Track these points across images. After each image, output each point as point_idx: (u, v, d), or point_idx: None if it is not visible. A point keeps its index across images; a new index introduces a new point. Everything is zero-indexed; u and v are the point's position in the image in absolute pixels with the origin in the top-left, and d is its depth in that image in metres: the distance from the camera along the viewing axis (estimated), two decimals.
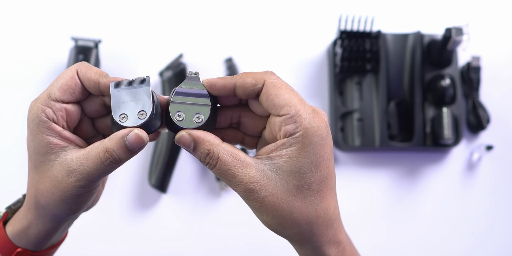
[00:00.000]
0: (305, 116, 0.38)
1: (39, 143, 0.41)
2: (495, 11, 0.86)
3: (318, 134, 0.38)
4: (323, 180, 0.40)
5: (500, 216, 0.79)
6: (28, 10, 0.82)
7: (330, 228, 0.42)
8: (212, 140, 0.39)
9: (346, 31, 0.77)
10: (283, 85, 0.39)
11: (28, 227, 0.45)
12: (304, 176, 0.39)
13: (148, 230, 0.76)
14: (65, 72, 0.41)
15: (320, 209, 0.40)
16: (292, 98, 0.39)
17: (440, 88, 0.77)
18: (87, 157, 0.39)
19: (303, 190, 0.39)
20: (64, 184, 0.40)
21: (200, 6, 0.84)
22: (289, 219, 0.40)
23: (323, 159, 0.39)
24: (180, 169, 0.77)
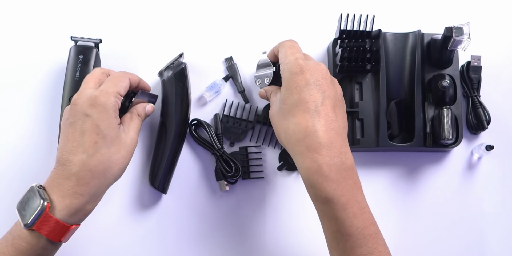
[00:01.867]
0: (286, 61, 0.63)
1: (113, 123, 0.61)
2: (495, 11, 0.86)
3: (289, 71, 0.61)
4: (295, 103, 0.59)
5: (501, 216, 0.79)
6: (28, 10, 0.82)
7: (302, 141, 0.58)
8: (271, 89, 0.69)
9: (346, 31, 0.77)
10: (287, 42, 0.66)
11: (87, 202, 0.59)
12: (282, 100, 0.61)
13: (148, 230, 0.76)
14: (122, 77, 0.67)
15: (291, 123, 0.59)
16: (283, 45, 0.66)
17: (440, 88, 0.77)
18: (135, 123, 0.66)
19: (282, 110, 0.61)
20: (132, 146, 0.63)
21: (200, 6, 0.84)
22: (278, 130, 0.62)
23: (294, 87, 0.60)
24: (180, 169, 0.77)
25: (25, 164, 0.76)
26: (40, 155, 0.77)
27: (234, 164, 0.75)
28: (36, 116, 0.78)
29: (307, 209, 0.78)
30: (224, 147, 0.78)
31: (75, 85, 0.74)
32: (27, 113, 0.78)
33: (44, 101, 0.79)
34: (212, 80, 0.80)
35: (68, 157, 0.60)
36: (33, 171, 0.76)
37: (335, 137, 0.58)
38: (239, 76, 0.81)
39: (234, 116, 0.79)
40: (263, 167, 0.79)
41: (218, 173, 0.77)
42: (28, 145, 0.77)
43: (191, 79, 0.78)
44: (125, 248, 0.76)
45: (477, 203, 0.79)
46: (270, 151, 0.80)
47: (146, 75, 0.80)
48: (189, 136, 0.78)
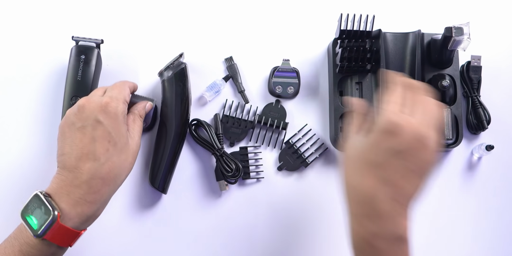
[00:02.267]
0: (384, 107, 0.53)
1: (124, 129, 0.61)
2: (495, 11, 0.86)
3: (379, 127, 0.51)
4: (370, 164, 0.52)
5: (501, 216, 0.79)
6: (29, 10, 0.82)
7: (360, 205, 0.52)
8: (361, 106, 0.61)
9: (346, 31, 0.77)
10: (396, 91, 0.56)
11: (98, 209, 0.59)
12: (362, 151, 0.53)
13: (148, 230, 0.76)
14: (124, 86, 0.68)
15: (359, 182, 0.52)
16: (391, 99, 0.55)
17: (440, 88, 0.77)
18: (138, 126, 0.66)
19: (358, 160, 0.53)
20: (137, 151, 0.64)
21: (200, 6, 0.84)
22: (343, 172, 0.56)
23: (376, 146, 0.51)
24: (180, 169, 0.78)
25: (26, 163, 0.77)
26: (41, 155, 0.77)
27: (234, 164, 0.76)
28: (38, 116, 0.78)
29: (307, 209, 0.78)
30: (224, 147, 0.78)
31: (77, 85, 0.74)
32: (28, 113, 0.79)
33: (46, 101, 0.79)
34: (212, 80, 0.80)
35: (78, 164, 0.58)
36: (34, 171, 0.76)
37: (396, 208, 0.52)
38: (239, 76, 0.81)
39: (234, 116, 0.79)
40: (263, 167, 0.79)
41: (218, 173, 0.77)
42: (29, 145, 0.77)
43: (191, 79, 0.78)
44: (125, 248, 0.76)
45: (477, 203, 0.79)
46: (270, 151, 0.80)
47: (146, 75, 0.80)
48: (189, 136, 0.78)
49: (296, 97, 0.81)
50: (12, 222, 0.62)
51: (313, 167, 0.79)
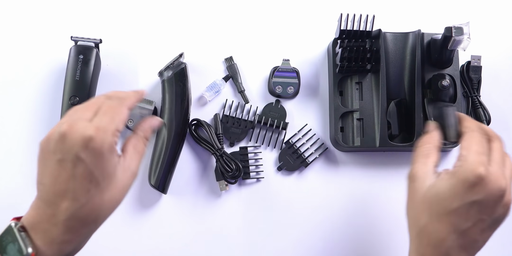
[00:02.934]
0: (468, 158, 0.52)
1: (110, 167, 0.50)
2: (495, 11, 0.86)
3: (465, 176, 0.51)
4: (446, 209, 0.52)
5: None
6: (28, 10, 0.82)
7: (426, 246, 0.53)
8: (435, 141, 0.61)
9: (346, 31, 0.77)
10: (476, 140, 0.55)
11: (75, 248, 0.53)
12: (438, 195, 0.52)
13: (148, 230, 0.76)
14: (119, 108, 0.52)
15: (432, 226, 0.53)
16: (470, 145, 0.54)
17: (440, 88, 0.77)
18: (137, 151, 0.54)
19: (431, 204, 0.53)
20: (129, 185, 0.52)
21: (200, 6, 0.84)
22: (411, 214, 0.57)
23: (456, 194, 0.51)
24: (180, 169, 0.77)
25: (25, 164, 0.76)
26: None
27: (234, 164, 0.75)
28: (36, 116, 0.78)
29: (307, 209, 0.78)
30: (224, 147, 0.78)
31: (76, 85, 0.74)
32: (27, 113, 0.78)
33: (44, 101, 0.79)
34: (212, 80, 0.80)
35: (55, 200, 0.50)
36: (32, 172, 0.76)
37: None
38: (239, 76, 0.81)
39: (234, 116, 0.79)
40: (263, 167, 0.79)
41: (218, 173, 0.77)
42: (27, 145, 0.77)
43: (191, 79, 0.78)
44: (125, 248, 0.76)
45: None
46: (270, 151, 0.80)
47: (146, 75, 0.80)
48: (189, 136, 0.78)
49: (296, 97, 0.81)
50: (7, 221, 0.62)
51: (313, 167, 0.79)
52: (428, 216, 0.53)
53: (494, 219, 0.53)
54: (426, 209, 0.53)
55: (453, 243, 0.52)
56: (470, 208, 0.51)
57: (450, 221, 0.52)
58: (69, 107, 0.74)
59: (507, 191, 0.52)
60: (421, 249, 0.54)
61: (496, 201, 0.51)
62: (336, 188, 0.79)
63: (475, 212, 0.51)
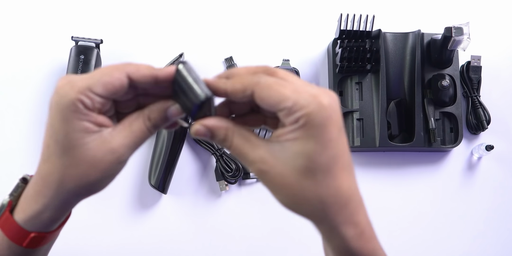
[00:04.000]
0: (302, 102, 0.39)
1: (74, 128, 0.42)
2: (495, 11, 0.86)
3: (319, 116, 0.39)
4: (332, 160, 0.41)
5: (501, 216, 0.79)
6: (29, 10, 0.82)
7: (345, 208, 0.42)
8: (225, 125, 0.41)
9: (346, 31, 0.77)
10: (272, 83, 0.40)
11: (41, 211, 0.46)
12: (311, 157, 0.40)
13: (148, 231, 0.76)
14: (112, 70, 0.42)
15: (332, 187, 0.41)
16: (283, 92, 0.39)
17: (440, 88, 0.77)
18: (131, 130, 0.43)
19: (312, 170, 0.40)
20: (104, 162, 0.43)
21: (200, 6, 0.84)
22: (301, 197, 0.42)
23: (329, 139, 0.40)
24: (180, 169, 0.78)
25: (25, 164, 0.77)
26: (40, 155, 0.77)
27: (234, 164, 0.75)
28: (37, 116, 0.78)
29: None
30: None
31: None
32: (27, 113, 0.78)
33: (45, 101, 0.79)
34: None
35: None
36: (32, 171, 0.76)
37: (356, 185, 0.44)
38: None
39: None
40: None
41: (218, 173, 0.77)
42: (27, 145, 0.77)
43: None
44: (125, 248, 0.76)
45: (477, 203, 0.79)
46: None
47: None
48: (189, 136, 0.78)
49: None
50: None
51: None
52: (321, 182, 0.41)
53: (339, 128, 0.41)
54: (311, 179, 0.41)
55: (356, 185, 0.43)
56: (343, 137, 0.41)
57: (341, 166, 0.42)
58: None
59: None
60: (334, 220, 0.43)
61: (340, 111, 0.41)
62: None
63: (345, 137, 0.42)
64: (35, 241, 0.48)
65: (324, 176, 0.41)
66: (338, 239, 0.43)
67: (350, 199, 0.43)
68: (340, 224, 0.43)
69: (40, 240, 0.49)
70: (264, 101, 0.40)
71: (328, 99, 0.39)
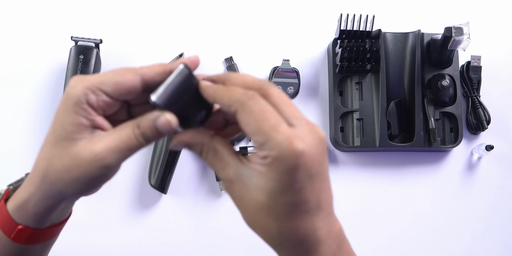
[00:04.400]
0: (273, 144, 0.37)
1: (70, 120, 0.42)
2: (495, 11, 0.86)
3: (285, 162, 0.37)
4: (290, 205, 0.39)
5: (501, 216, 0.79)
6: (29, 10, 0.82)
7: (297, 246, 0.41)
8: (200, 141, 0.42)
9: (346, 31, 0.77)
10: (256, 110, 0.38)
11: (27, 200, 0.45)
12: (271, 196, 0.39)
13: (148, 231, 0.76)
14: (125, 71, 0.42)
15: (286, 227, 0.40)
16: (261, 125, 0.38)
17: (440, 88, 0.77)
18: (119, 135, 0.41)
19: (270, 208, 0.40)
20: (86, 162, 0.41)
21: (200, 6, 0.84)
22: (258, 225, 0.42)
23: (290, 185, 0.38)
24: (180, 169, 0.78)
25: (25, 164, 0.76)
26: None
27: None
28: (37, 116, 0.78)
29: None
30: None
31: None
32: (27, 113, 0.78)
33: (45, 101, 0.79)
34: None
35: None
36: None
37: (332, 222, 0.43)
38: None
39: None
40: None
41: None
42: (27, 145, 0.77)
43: None
44: (125, 248, 0.76)
45: (477, 203, 0.79)
46: None
47: None
48: None
49: (296, 97, 0.81)
50: None
51: None
52: (278, 222, 0.40)
53: (328, 175, 0.43)
54: (268, 218, 0.41)
55: (317, 225, 0.41)
56: (314, 183, 0.40)
57: (302, 210, 0.40)
58: None
59: (325, 142, 0.41)
60: (284, 252, 0.43)
61: (323, 155, 0.41)
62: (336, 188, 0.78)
63: (318, 183, 0.41)
64: (22, 235, 0.47)
65: (280, 216, 0.40)
66: None
67: (305, 239, 0.41)
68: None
69: (27, 235, 0.47)
70: (241, 125, 0.39)
71: (302, 146, 0.37)
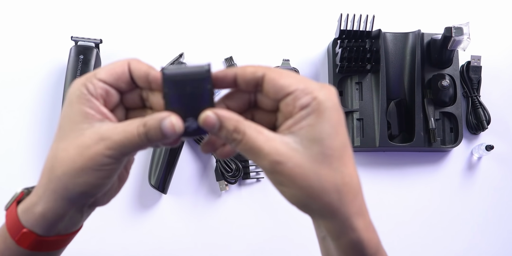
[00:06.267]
0: (314, 86, 0.40)
1: (75, 112, 0.43)
2: (495, 11, 0.86)
3: (331, 99, 0.40)
4: (344, 146, 0.41)
5: (500, 216, 0.79)
6: (29, 10, 0.82)
7: (357, 198, 0.42)
8: (236, 117, 0.41)
9: (346, 31, 0.77)
10: (284, 71, 0.41)
11: (35, 203, 0.45)
12: (326, 142, 0.40)
13: (148, 231, 0.76)
14: (117, 61, 0.44)
15: (346, 175, 0.41)
16: (295, 77, 0.41)
17: (440, 88, 0.77)
18: (124, 128, 0.42)
19: (328, 157, 0.40)
20: (91, 150, 0.42)
21: (200, 6, 0.84)
22: (318, 188, 0.40)
23: (340, 124, 0.41)
24: (180, 169, 0.78)
25: (25, 163, 0.77)
26: (40, 155, 0.77)
27: (234, 164, 0.75)
28: (37, 116, 0.78)
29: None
30: None
31: None
32: (27, 113, 0.78)
33: (45, 101, 0.79)
34: None
35: None
36: (34, 171, 0.76)
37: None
38: None
39: None
40: None
41: (218, 173, 0.77)
42: (28, 145, 0.77)
43: None
44: (125, 248, 0.76)
45: (477, 203, 0.79)
46: None
47: None
48: None
49: None
50: None
51: None
52: (338, 168, 0.41)
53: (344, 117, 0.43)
54: (328, 166, 0.41)
55: (351, 152, 0.42)
56: (346, 127, 0.42)
57: (349, 154, 0.42)
58: None
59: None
60: (348, 211, 0.42)
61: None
62: None
63: (339, 116, 0.42)
64: (26, 239, 0.47)
65: (339, 163, 0.41)
66: (350, 231, 0.43)
67: (360, 188, 0.43)
68: (353, 215, 0.42)
69: (30, 241, 0.47)
70: (274, 83, 0.40)
71: (333, 89, 0.41)
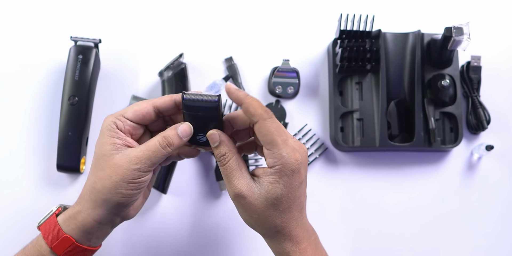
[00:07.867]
0: (283, 154, 0.54)
1: (106, 142, 0.56)
2: (495, 11, 0.86)
3: (291, 169, 0.54)
4: (292, 200, 0.56)
5: (501, 216, 0.79)
6: (28, 10, 0.82)
7: (290, 232, 0.57)
8: (231, 145, 0.56)
9: (346, 31, 0.77)
10: (275, 126, 0.54)
11: (78, 211, 0.57)
12: (278, 197, 0.55)
13: (148, 231, 0.76)
14: (142, 102, 0.58)
15: (286, 219, 0.56)
16: (277, 139, 0.54)
17: (440, 88, 0.77)
18: (147, 146, 0.56)
19: (275, 205, 0.55)
20: (123, 168, 0.55)
21: (200, 6, 0.84)
22: (261, 221, 0.56)
23: (294, 186, 0.55)
24: (180, 169, 0.77)
25: (25, 164, 0.76)
26: (39, 155, 0.77)
27: None
28: (36, 116, 0.78)
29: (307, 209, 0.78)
30: None
31: (75, 85, 0.74)
32: (27, 113, 0.78)
33: (44, 101, 0.79)
34: (212, 80, 0.80)
35: None
36: (33, 171, 0.76)
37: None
38: (239, 76, 0.81)
39: None
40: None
41: (218, 173, 0.77)
42: (28, 145, 0.77)
43: (191, 79, 0.78)
44: (125, 248, 0.76)
45: (477, 203, 0.79)
46: None
47: (146, 75, 0.80)
48: None
49: (296, 97, 0.81)
50: (6, 222, 0.62)
51: (313, 167, 0.79)
52: (280, 214, 0.56)
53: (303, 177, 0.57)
54: (274, 211, 0.55)
55: (299, 203, 0.57)
56: (303, 187, 0.57)
57: (297, 204, 0.57)
58: (68, 107, 0.74)
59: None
60: (294, 236, 0.57)
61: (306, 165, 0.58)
62: (336, 188, 0.79)
63: (305, 187, 0.58)
64: (64, 244, 0.56)
65: (284, 211, 0.56)
66: (283, 251, 0.58)
67: (297, 226, 0.57)
68: (284, 241, 0.57)
69: (67, 246, 0.57)
70: (261, 134, 0.54)
71: (299, 157, 0.55)
